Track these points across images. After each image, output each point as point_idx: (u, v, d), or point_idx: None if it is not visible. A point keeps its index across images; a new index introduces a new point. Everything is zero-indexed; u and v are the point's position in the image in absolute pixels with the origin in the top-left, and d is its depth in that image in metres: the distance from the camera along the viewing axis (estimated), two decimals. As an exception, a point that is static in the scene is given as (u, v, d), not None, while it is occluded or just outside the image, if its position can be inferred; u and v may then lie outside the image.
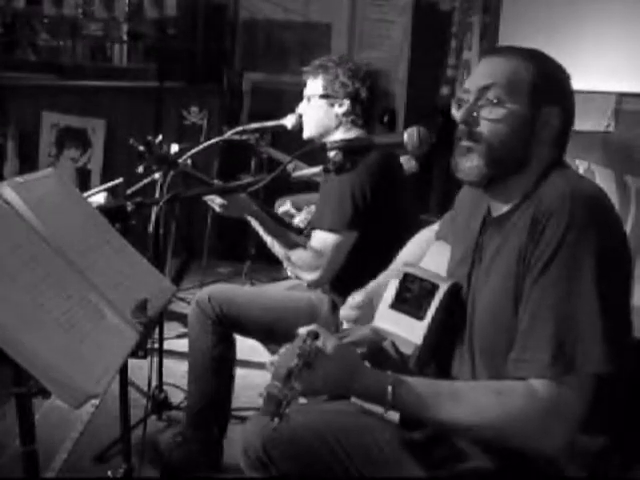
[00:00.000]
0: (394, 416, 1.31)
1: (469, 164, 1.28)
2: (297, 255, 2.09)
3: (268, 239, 2.14)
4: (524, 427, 1.15)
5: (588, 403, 1.14)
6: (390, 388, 1.19)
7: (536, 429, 1.14)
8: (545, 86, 1.26)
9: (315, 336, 1.20)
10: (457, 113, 1.30)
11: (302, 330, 1.24)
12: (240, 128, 2.78)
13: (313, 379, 1.16)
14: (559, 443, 1.15)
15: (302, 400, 1.26)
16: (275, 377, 1.11)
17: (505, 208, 1.31)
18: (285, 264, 2.19)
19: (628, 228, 2.37)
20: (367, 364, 1.39)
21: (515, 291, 1.21)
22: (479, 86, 1.28)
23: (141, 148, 2.15)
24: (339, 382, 1.20)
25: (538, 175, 1.27)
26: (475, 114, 1.27)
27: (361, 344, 1.40)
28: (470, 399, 1.18)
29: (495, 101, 1.25)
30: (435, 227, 1.69)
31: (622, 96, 2.47)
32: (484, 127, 1.26)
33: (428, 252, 1.60)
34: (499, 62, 1.29)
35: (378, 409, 1.25)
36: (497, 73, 1.27)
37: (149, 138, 2.16)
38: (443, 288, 1.35)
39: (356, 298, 1.56)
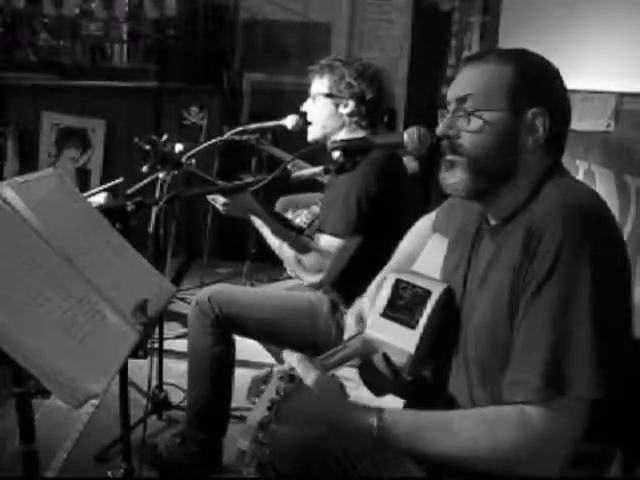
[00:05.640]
0: None
1: (454, 179, 1.25)
2: (302, 259, 2.09)
3: (271, 238, 2.13)
4: (520, 456, 1.12)
5: (582, 426, 1.12)
6: (376, 423, 1.16)
7: (529, 456, 1.12)
8: (526, 88, 1.21)
9: (290, 379, 1.17)
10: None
11: (286, 355, 1.21)
12: (240, 128, 2.78)
13: (293, 417, 1.14)
14: (553, 467, 1.13)
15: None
16: (247, 432, 1.10)
17: (500, 218, 1.28)
18: (286, 264, 2.18)
19: (628, 228, 2.37)
20: (359, 378, 1.37)
21: (509, 307, 1.18)
22: (457, 97, 1.25)
23: (146, 147, 2.14)
24: (321, 420, 1.18)
25: (533, 184, 1.23)
26: (454, 127, 1.24)
27: (353, 357, 1.36)
28: (460, 430, 1.15)
29: (471, 111, 1.21)
30: (432, 216, 1.66)
31: (622, 96, 2.47)
32: (464, 139, 1.23)
33: (426, 247, 1.58)
34: (476, 70, 1.25)
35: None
36: (473, 82, 1.24)
37: (154, 137, 2.16)
38: (436, 294, 1.32)
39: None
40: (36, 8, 4.64)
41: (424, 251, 1.57)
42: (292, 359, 1.20)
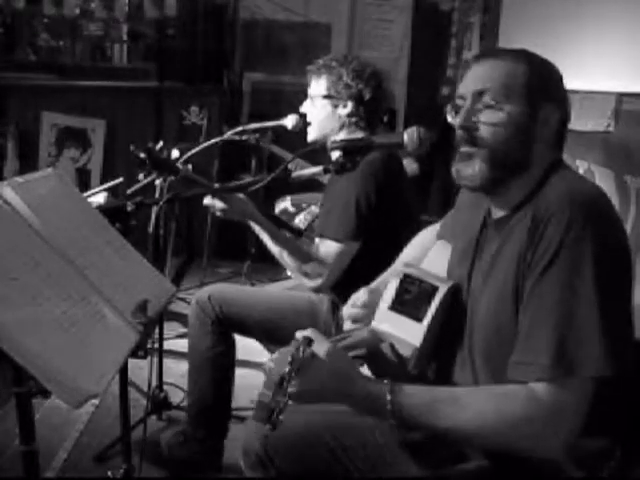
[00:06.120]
0: None
1: (471, 171, 1.27)
2: (305, 269, 2.08)
3: (270, 244, 2.12)
4: (525, 431, 1.14)
5: (589, 405, 1.14)
6: (389, 397, 1.17)
7: (537, 432, 1.14)
8: (540, 85, 1.25)
9: (309, 342, 1.18)
10: (454, 119, 1.29)
11: (299, 334, 1.23)
12: (240, 128, 2.78)
13: (306, 387, 1.15)
14: (560, 445, 1.14)
15: None
16: (267, 384, 1.10)
17: (505, 210, 1.30)
18: (288, 269, 2.18)
19: (628, 228, 2.37)
20: (366, 367, 1.39)
21: (515, 294, 1.20)
22: (474, 91, 1.27)
23: (142, 155, 2.14)
24: (334, 390, 1.19)
25: (539, 177, 1.26)
26: (474, 119, 1.26)
27: (360, 346, 1.38)
28: (470, 405, 1.17)
29: (493, 104, 1.24)
30: (437, 227, 1.68)
31: (622, 96, 2.47)
32: (484, 131, 1.25)
33: (430, 252, 1.59)
34: (491, 65, 1.28)
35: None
36: (491, 76, 1.27)
37: (150, 145, 2.16)
38: (443, 290, 1.34)
39: (360, 296, 1.53)
40: (36, 8, 4.64)
41: (428, 255, 1.58)
42: (306, 332, 1.21)
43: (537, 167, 1.27)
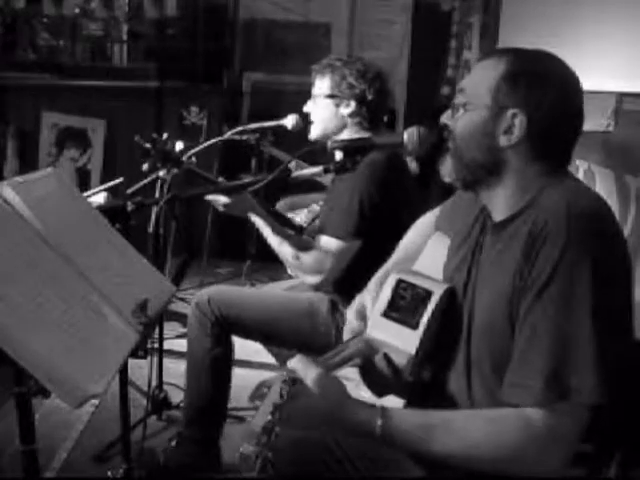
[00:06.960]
0: None
1: (443, 165, 1.32)
2: (301, 257, 2.09)
3: (271, 238, 2.13)
4: (517, 456, 1.13)
5: (582, 430, 1.13)
6: (379, 422, 1.16)
7: (530, 458, 1.13)
8: (511, 88, 1.22)
9: (293, 382, 1.17)
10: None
11: (290, 363, 1.21)
12: (240, 128, 2.78)
13: (296, 416, 1.14)
14: (553, 469, 1.13)
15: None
16: (250, 436, 1.10)
17: (501, 216, 1.28)
18: (287, 264, 2.18)
19: (628, 228, 2.37)
20: (361, 378, 1.37)
21: (509, 309, 1.18)
22: (457, 89, 1.31)
23: (147, 145, 2.14)
24: (324, 419, 1.18)
25: (525, 186, 1.24)
26: (450, 118, 1.30)
27: (355, 357, 1.36)
28: (462, 430, 1.16)
29: (461, 105, 1.27)
30: (436, 212, 1.66)
31: (622, 96, 2.48)
32: (454, 129, 1.29)
33: (427, 246, 1.58)
34: (477, 64, 1.30)
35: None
36: (470, 77, 1.29)
37: (155, 135, 2.16)
38: (437, 295, 1.31)
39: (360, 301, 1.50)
40: (36, 8, 4.63)
41: (425, 250, 1.57)
42: (293, 362, 1.20)
43: (516, 175, 1.24)
